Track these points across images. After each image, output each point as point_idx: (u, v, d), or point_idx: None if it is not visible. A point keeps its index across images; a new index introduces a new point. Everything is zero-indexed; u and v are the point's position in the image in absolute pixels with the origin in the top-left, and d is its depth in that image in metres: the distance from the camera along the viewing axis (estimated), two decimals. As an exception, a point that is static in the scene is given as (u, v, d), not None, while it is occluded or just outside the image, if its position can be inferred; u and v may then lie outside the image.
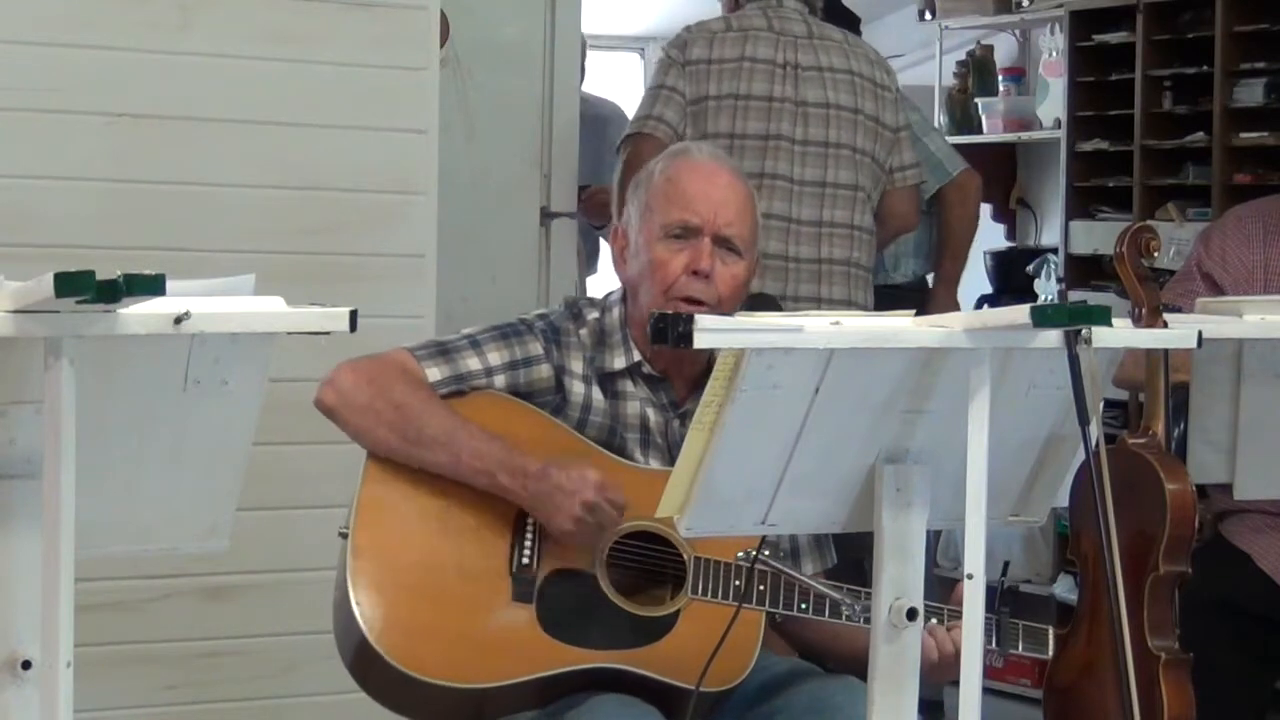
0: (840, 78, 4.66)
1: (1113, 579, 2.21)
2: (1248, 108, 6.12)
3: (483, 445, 2.94)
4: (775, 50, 4.63)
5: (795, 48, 4.65)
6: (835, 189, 4.64)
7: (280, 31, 4.08)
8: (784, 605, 2.91)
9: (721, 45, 4.63)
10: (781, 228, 4.56)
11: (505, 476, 2.92)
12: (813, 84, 4.62)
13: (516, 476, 2.92)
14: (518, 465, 2.93)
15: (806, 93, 4.61)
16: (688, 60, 4.62)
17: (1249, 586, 3.76)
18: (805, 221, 4.58)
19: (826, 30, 4.76)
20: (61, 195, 3.90)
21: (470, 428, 2.95)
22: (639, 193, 3.11)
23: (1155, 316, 2.78)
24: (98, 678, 3.52)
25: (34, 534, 2.01)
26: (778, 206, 4.56)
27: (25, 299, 1.91)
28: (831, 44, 4.70)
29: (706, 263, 3.02)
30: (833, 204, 4.63)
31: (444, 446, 2.94)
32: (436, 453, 2.94)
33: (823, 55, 4.66)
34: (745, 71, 4.60)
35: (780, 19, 4.69)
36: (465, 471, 2.94)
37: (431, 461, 2.94)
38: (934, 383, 2.25)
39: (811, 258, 4.58)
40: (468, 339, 3.07)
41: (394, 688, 2.89)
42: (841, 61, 4.68)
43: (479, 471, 2.93)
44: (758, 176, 4.51)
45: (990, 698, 3.90)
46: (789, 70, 4.62)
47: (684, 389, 3.11)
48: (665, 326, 2.07)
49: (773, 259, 4.53)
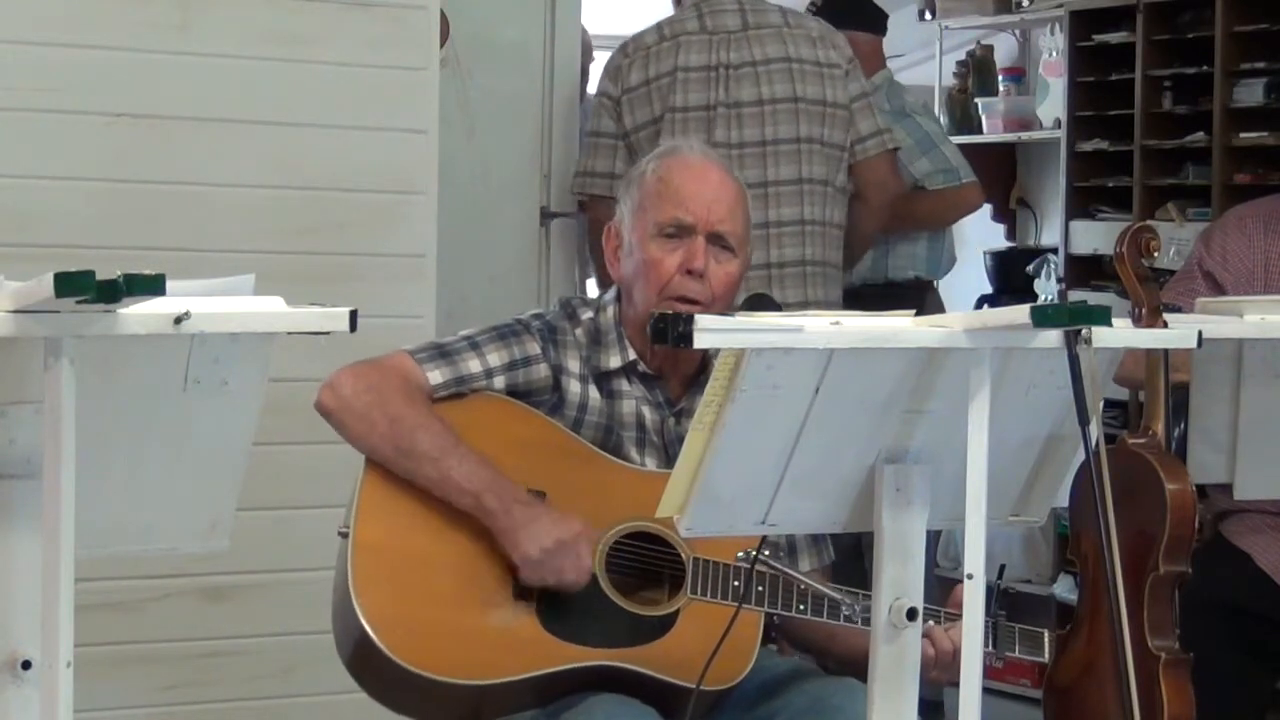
0: (776, 68, 4.58)
1: (1113, 579, 2.21)
2: (1248, 108, 6.12)
3: (472, 468, 2.94)
4: (708, 53, 4.58)
5: (728, 45, 4.58)
6: (779, 186, 4.55)
7: (280, 31, 4.08)
8: (782, 606, 2.91)
9: (656, 60, 4.59)
10: None
11: (492, 499, 2.92)
12: (745, 82, 4.56)
13: (503, 500, 2.92)
14: (506, 490, 2.93)
15: (739, 92, 4.55)
16: (625, 89, 4.60)
17: (1249, 586, 3.76)
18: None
19: (764, 17, 4.65)
20: (61, 195, 3.91)
21: (462, 448, 2.95)
22: (631, 191, 3.11)
23: (1155, 316, 2.78)
24: (98, 678, 3.52)
25: (34, 534, 2.01)
26: None
27: (25, 299, 1.91)
28: (767, 32, 4.61)
29: (700, 262, 3.02)
30: (777, 203, 4.55)
31: (434, 463, 2.94)
32: (426, 468, 2.94)
33: (756, 48, 4.58)
34: (680, 83, 4.56)
35: (713, 15, 4.62)
36: (451, 490, 2.94)
37: (420, 475, 2.95)
38: (934, 383, 2.25)
39: (760, 262, 4.47)
40: (467, 341, 3.07)
41: (394, 685, 2.89)
42: (778, 50, 4.60)
43: (464, 492, 2.93)
44: None
45: (990, 698, 3.90)
46: (720, 72, 4.55)
47: (679, 387, 3.12)
48: (665, 327, 2.07)
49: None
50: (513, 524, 2.90)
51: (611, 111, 4.63)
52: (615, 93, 4.63)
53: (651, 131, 4.55)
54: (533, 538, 2.88)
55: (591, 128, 4.69)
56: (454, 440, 2.96)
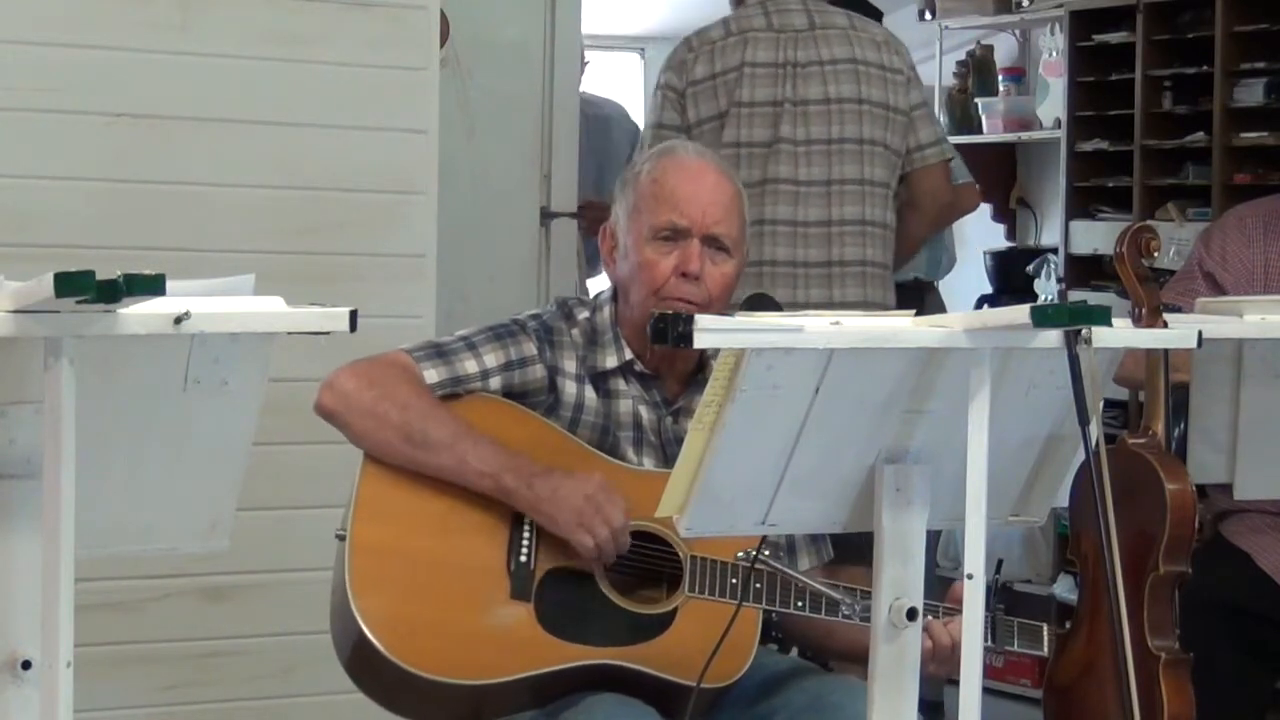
0: (843, 68, 4.58)
1: (1113, 579, 2.22)
2: (1248, 108, 6.12)
3: (487, 450, 2.94)
4: (775, 50, 4.58)
5: (795, 44, 4.59)
6: (842, 185, 4.56)
7: (280, 31, 4.08)
8: (781, 603, 2.91)
9: (723, 55, 4.58)
10: (788, 232, 4.51)
11: (510, 478, 2.92)
12: (813, 80, 4.57)
13: (522, 477, 2.92)
14: (523, 468, 2.93)
15: (806, 90, 4.56)
16: (691, 81, 4.57)
17: (1249, 586, 3.76)
18: (812, 223, 4.52)
19: (830, 18, 4.67)
20: (61, 195, 3.90)
21: (474, 433, 2.96)
22: (626, 193, 3.11)
23: (1155, 316, 2.78)
24: (98, 678, 3.52)
25: (34, 534, 2.01)
26: (782, 211, 4.51)
27: (25, 299, 1.91)
28: (834, 32, 4.62)
29: (696, 264, 3.02)
30: (840, 202, 4.56)
31: (449, 449, 2.94)
32: (442, 456, 2.94)
33: (824, 47, 4.59)
34: (747, 79, 4.55)
35: (780, 13, 4.62)
36: (470, 475, 2.94)
37: (435, 465, 2.94)
38: (934, 383, 2.25)
39: (821, 260, 4.52)
40: (464, 341, 3.07)
41: (392, 686, 2.89)
42: (844, 51, 4.60)
43: (483, 475, 2.93)
44: (759, 184, 4.47)
45: (990, 698, 3.90)
46: (788, 70, 4.57)
47: (676, 386, 3.12)
48: (665, 327, 2.07)
49: (780, 265, 4.48)
50: (537, 498, 2.91)
51: (676, 104, 4.59)
52: (680, 85, 4.59)
53: (715, 125, 4.54)
54: (562, 505, 2.89)
55: (656, 120, 4.63)
56: (464, 426, 2.96)
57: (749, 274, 4.41)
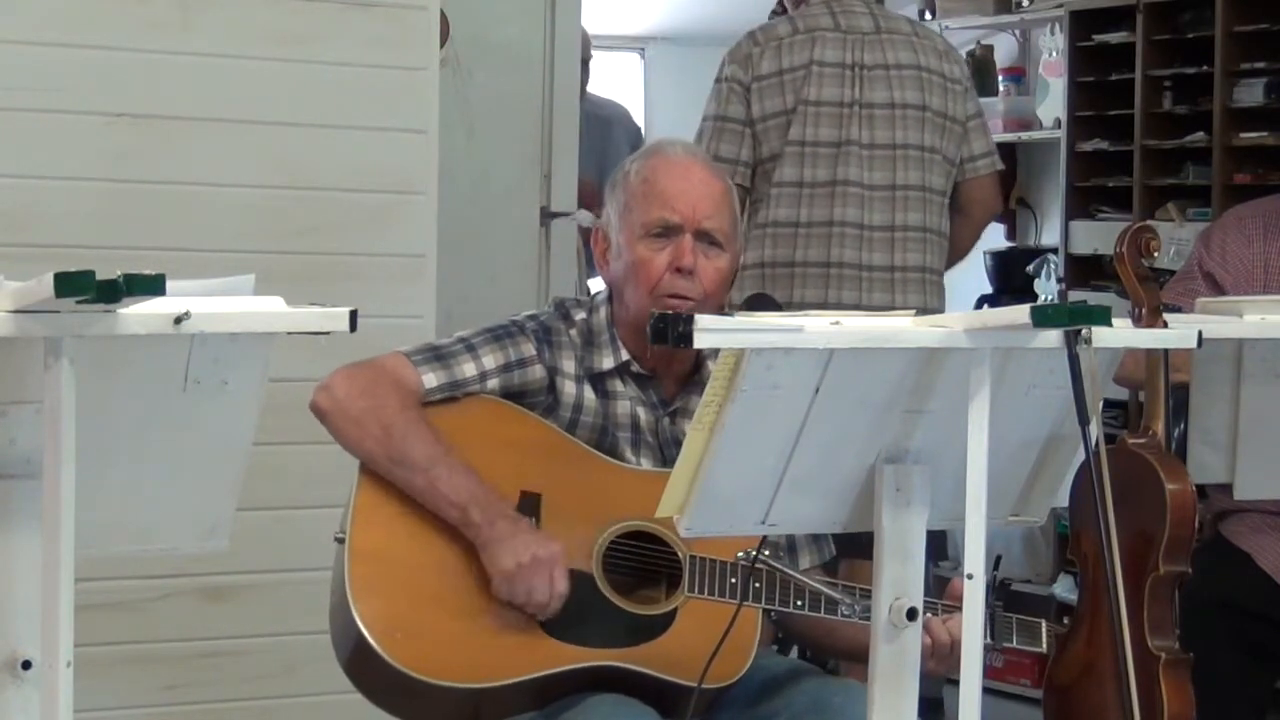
0: (907, 74, 4.59)
1: (1113, 579, 2.22)
2: (1248, 108, 6.12)
3: (460, 480, 2.93)
4: (843, 51, 4.57)
5: (862, 46, 4.58)
6: (905, 191, 4.58)
7: (280, 31, 4.07)
8: (780, 603, 2.91)
9: (790, 52, 4.57)
10: (855, 235, 4.51)
11: (476, 513, 2.91)
12: (878, 84, 4.57)
13: (487, 515, 2.91)
14: (492, 505, 2.92)
15: (872, 94, 4.56)
16: (756, 76, 4.56)
17: (1249, 586, 3.76)
18: (878, 227, 4.53)
19: (894, 23, 4.67)
20: (61, 195, 3.90)
21: (451, 460, 2.95)
22: (616, 193, 3.11)
23: (1155, 316, 2.78)
24: (98, 678, 3.52)
25: (34, 534, 2.01)
26: (851, 213, 4.51)
27: (25, 299, 1.91)
28: (899, 38, 4.63)
29: (689, 259, 3.02)
30: (904, 207, 4.57)
31: (423, 472, 2.94)
32: (415, 477, 2.94)
33: (889, 52, 4.59)
34: (815, 77, 4.54)
35: (846, 15, 4.62)
36: (440, 501, 2.93)
37: (407, 484, 2.94)
38: (934, 383, 2.25)
39: (885, 265, 4.53)
40: (462, 343, 3.07)
41: (392, 689, 2.89)
42: (909, 57, 4.61)
43: (451, 504, 2.92)
44: (828, 184, 4.47)
45: (990, 698, 3.90)
46: (856, 71, 4.56)
47: (673, 386, 3.12)
48: (665, 327, 2.07)
49: (847, 267, 4.48)
50: (493, 537, 2.89)
51: (742, 98, 4.58)
52: (745, 80, 4.58)
53: (781, 121, 4.54)
54: (510, 552, 2.88)
55: (718, 112, 4.61)
56: (443, 450, 2.95)
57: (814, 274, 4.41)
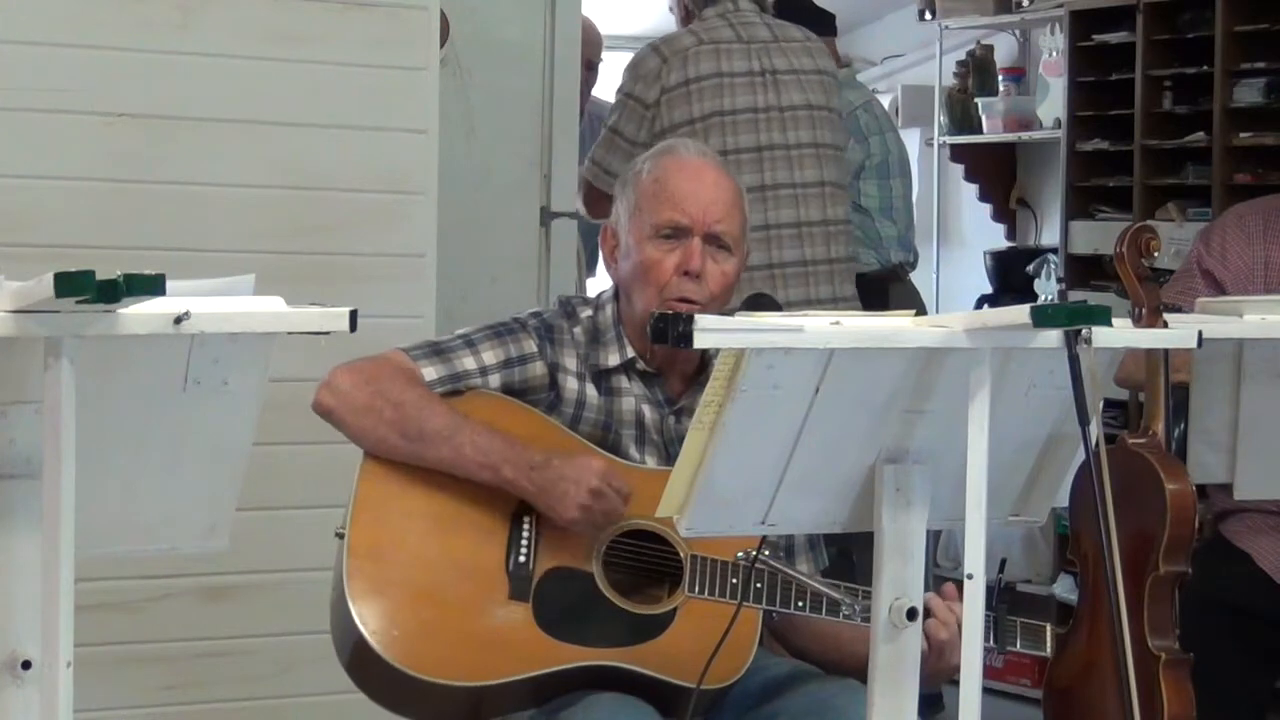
0: (811, 79, 4.76)
1: (1113, 579, 2.22)
2: (1248, 108, 6.12)
3: (485, 440, 2.94)
4: (749, 60, 4.71)
5: (768, 53, 4.73)
6: (833, 187, 4.73)
7: (280, 31, 4.07)
8: (781, 603, 2.91)
9: (696, 62, 4.67)
10: (793, 234, 4.62)
11: (509, 469, 2.93)
12: (792, 88, 4.71)
13: (521, 468, 2.92)
14: (521, 457, 2.93)
15: (789, 97, 4.71)
16: (665, 88, 4.65)
17: (1249, 586, 3.76)
18: (814, 223, 4.66)
19: (787, 31, 4.84)
20: (61, 195, 3.90)
21: (472, 423, 2.96)
22: (627, 192, 3.11)
23: (1155, 316, 2.78)
24: (98, 678, 3.52)
25: (34, 534, 2.01)
26: (785, 214, 4.61)
27: (25, 299, 1.91)
28: (795, 44, 4.79)
29: (698, 263, 3.02)
30: (833, 202, 4.72)
31: (446, 441, 2.94)
32: (439, 448, 2.94)
33: (793, 58, 4.75)
34: (725, 87, 4.67)
35: (745, 26, 4.76)
36: (469, 466, 2.94)
37: (434, 458, 2.94)
38: (934, 383, 2.25)
39: (824, 258, 4.64)
40: (462, 339, 3.07)
41: (391, 687, 2.89)
42: (809, 62, 4.78)
43: (483, 465, 2.93)
44: (759, 189, 4.56)
45: (990, 698, 3.90)
46: (767, 77, 4.71)
47: (678, 385, 3.12)
48: (665, 326, 2.07)
49: (790, 266, 4.58)
50: (540, 488, 2.91)
51: (637, 116, 4.68)
52: (649, 97, 4.67)
53: (688, 131, 4.62)
54: (564, 500, 2.90)
55: (614, 125, 4.73)
56: (461, 417, 2.96)
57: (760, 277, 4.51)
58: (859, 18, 7.53)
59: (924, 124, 7.50)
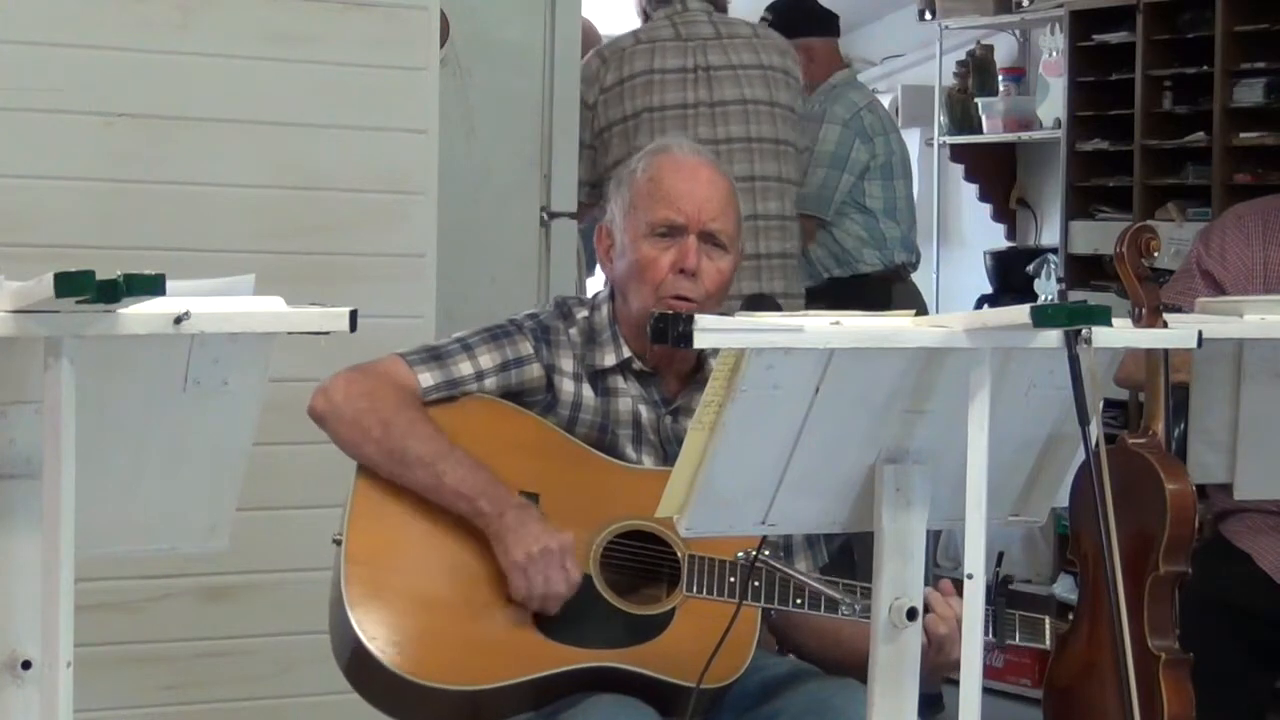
0: (753, 73, 4.82)
1: (1113, 579, 2.21)
2: (1248, 108, 6.12)
3: (466, 472, 2.94)
4: (684, 57, 4.81)
5: (704, 51, 4.82)
6: (764, 182, 4.81)
7: (280, 31, 4.07)
8: (780, 601, 2.91)
9: (630, 61, 4.81)
10: None
11: (485, 503, 2.92)
12: (727, 83, 4.78)
13: (497, 505, 2.92)
14: (501, 495, 2.93)
15: (722, 92, 4.78)
16: (603, 88, 4.81)
17: (1249, 586, 3.76)
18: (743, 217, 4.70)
19: (734, 27, 4.92)
20: (61, 195, 3.90)
21: (456, 453, 2.95)
22: (622, 191, 3.11)
23: (1155, 316, 2.78)
24: (98, 678, 3.52)
25: (34, 534, 2.01)
26: None
27: (25, 299, 1.91)
28: (740, 40, 4.86)
29: (693, 261, 3.02)
30: (763, 197, 4.80)
31: (427, 469, 2.94)
32: (419, 474, 2.94)
33: (733, 54, 4.82)
34: (656, 84, 4.78)
35: (687, 25, 4.85)
36: (446, 495, 2.94)
37: (413, 481, 2.95)
38: (934, 383, 2.25)
39: (751, 253, 4.68)
40: (459, 343, 3.07)
41: (390, 692, 2.89)
42: (751, 57, 4.85)
43: (459, 496, 2.93)
44: None
45: (990, 698, 3.90)
46: (700, 74, 4.79)
47: (675, 385, 3.12)
48: (665, 326, 2.07)
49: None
50: (504, 528, 2.90)
51: (585, 119, 4.86)
52: (589, 99, 4.86)
53: (623, 129, 4.77)
54: (521, 543, 2.88)
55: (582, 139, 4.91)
56: (447, 445, 2.96)
57: None
58: (859, 18, 7.52)
59: (924, 124, 7.50)
